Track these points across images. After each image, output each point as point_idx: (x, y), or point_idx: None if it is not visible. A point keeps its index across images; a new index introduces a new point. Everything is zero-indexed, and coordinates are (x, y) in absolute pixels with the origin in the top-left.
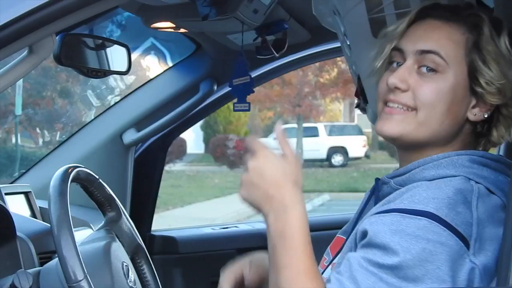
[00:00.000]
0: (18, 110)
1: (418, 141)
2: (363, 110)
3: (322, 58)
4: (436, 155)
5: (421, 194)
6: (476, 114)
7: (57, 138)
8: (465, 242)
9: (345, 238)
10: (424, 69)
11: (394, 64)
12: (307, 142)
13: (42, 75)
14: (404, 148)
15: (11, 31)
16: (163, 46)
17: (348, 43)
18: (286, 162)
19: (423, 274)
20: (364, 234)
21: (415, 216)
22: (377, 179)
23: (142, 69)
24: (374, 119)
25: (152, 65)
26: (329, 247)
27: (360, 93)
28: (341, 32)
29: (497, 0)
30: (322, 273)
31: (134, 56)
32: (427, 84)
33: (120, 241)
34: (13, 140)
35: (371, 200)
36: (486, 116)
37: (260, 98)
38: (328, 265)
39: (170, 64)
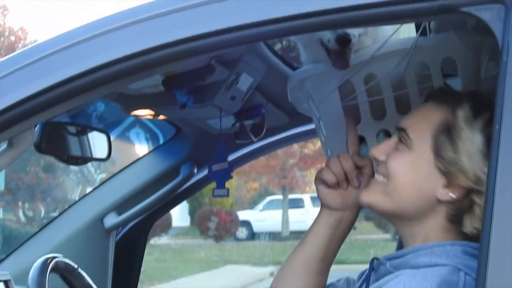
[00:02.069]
0: (1, 186)
1: (385, 211)
2: None
3: (300, 139)
4: (431, 243)
5: (406, 284)
6: (444, 194)
7: (42, 214)
8: None
9: None
10: (400, 143)
11: None
12: (293, 213)
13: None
14: (384, 218)
15: None
16: (148, 127)
17: (323, 129)
18: None
19: None
20: None
21: None
22: (373, 259)
23: (127, 146)
24: None
25: (137, 147)
26: None
27: None
28: (316, 118)
29: (464, 83)
30: None
31: (118, 137)
32: (395, 155)
33: None
34: None
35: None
36: (453, 196)
37: (245, 170)
38: None
39: (156, 145)
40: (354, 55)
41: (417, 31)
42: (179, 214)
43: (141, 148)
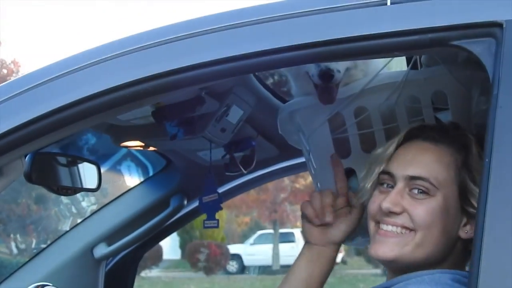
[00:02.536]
0: None
1: (414, 262)
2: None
3: (291, 172)
4: (420, 271)
5: None
6: (467, 232)
7: (33, 245)
8: None
9: None
10: (415, 191)
11: (384, 186)
12: (284, 247)
13: (17, 181)
14: (398, 270)
15: None
16: (138, 159)
17: (313, 161)
18: None
19: None
20: None
21: None
22: None
23: (117, 181)
24: None
25: (127, 178)
26: None
27: None
28: (306, 150)
29: (455, 117)
30: None
31: (109, 168)
32: (421, 206)
33: None
34: None
35: None
36: None
37: (236, 204)
38: None
39: (146, 176)
40: (344, 88)
41: (408, 65)
42: (170, 247)
43: (132, 179)
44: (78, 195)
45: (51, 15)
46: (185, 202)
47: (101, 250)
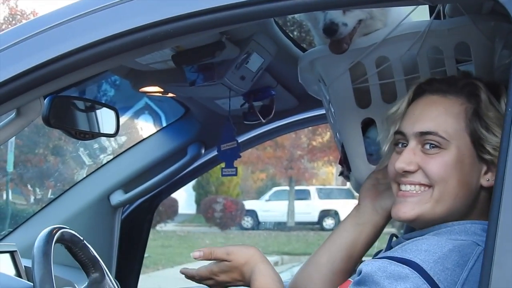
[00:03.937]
0: (10, 167)
1: (437, 218)
2: (347, 178)
3: (309, 124)
4: (451, 222)
5: (417, 246)
6: (489, 179)
7: (49, 196)
8: None
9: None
10: (427, 146)
11: (400, 145)
12: (299, 205)
13: (34, 132)
14: (423, 227)
15: None
16: (157, 107)
17: (333, 111)
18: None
19: None
20: (359, 272)
21: (400, 264)
22: (392, 236)
23: (135, 129)
24: (357, 187)
25: (146, 125)
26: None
27: (344, 161)
28: (326, 100)
29: (477, 70)
30: None
31: (127, 116)
32: (433, 160)
33: None
34: (4, 197)
35: None
36: None
37: (252, 160)
38: None
39: (164, 125)
40: (365, 37)
41: (431, 15)
42: (186, 202)
43: (150, 127)
44: (96, 149)
45: None
46: (203, 151)
47: (118, 197)
